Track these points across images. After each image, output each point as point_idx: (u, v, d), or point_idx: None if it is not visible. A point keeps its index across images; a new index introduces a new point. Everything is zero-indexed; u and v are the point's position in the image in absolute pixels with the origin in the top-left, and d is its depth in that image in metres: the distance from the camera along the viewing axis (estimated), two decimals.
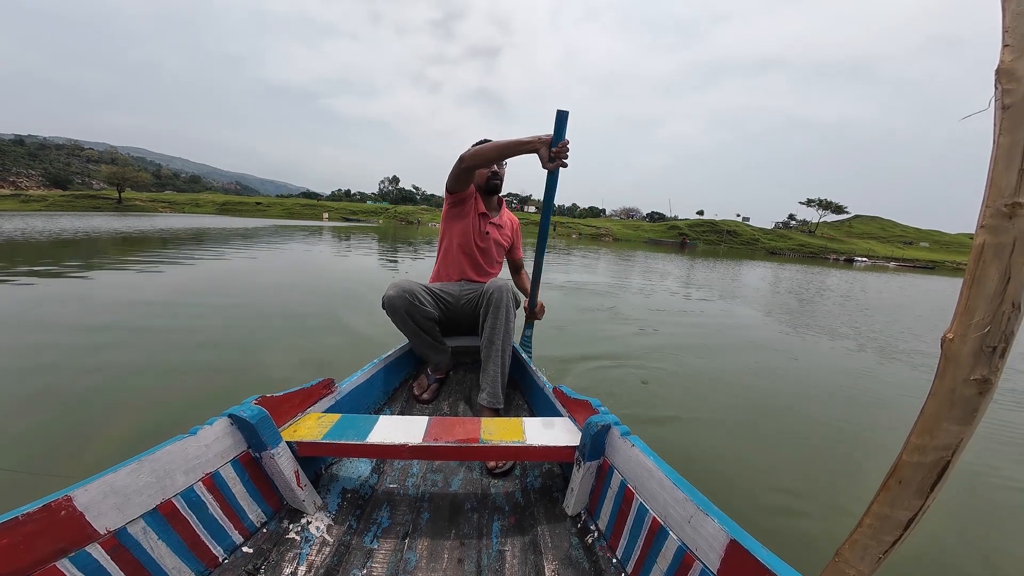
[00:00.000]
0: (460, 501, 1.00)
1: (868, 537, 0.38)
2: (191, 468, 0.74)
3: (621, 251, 20.83)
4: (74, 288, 4.25)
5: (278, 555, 0.79)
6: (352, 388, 1.23)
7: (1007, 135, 0.33)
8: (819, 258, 43.41)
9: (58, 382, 2.02)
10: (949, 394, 0.34)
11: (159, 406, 1.85)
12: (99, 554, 0.61)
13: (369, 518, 0.94)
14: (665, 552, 0.68)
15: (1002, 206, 0.33)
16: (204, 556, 0.74)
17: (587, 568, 0.79)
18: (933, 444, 0.35)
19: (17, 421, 1.67)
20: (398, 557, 0.83)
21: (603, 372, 2.63)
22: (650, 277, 9.07)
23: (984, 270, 0.33)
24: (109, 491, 0.63)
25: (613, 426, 0.87)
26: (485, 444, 0.91)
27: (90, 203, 53.35)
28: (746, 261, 22.24)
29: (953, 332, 0.34)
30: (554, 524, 0.91)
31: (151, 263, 6.21)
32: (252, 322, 3.26)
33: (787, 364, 3.16)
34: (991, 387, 0.33)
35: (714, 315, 5.05)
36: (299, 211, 63.83)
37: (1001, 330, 0.33)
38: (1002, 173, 0.33)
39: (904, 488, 0.36)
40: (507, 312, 1.37)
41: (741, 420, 2.09)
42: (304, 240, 13.52)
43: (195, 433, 0.77)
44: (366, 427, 0.95)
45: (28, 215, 25.99)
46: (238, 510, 0.81)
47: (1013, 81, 0.33)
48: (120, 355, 2.40)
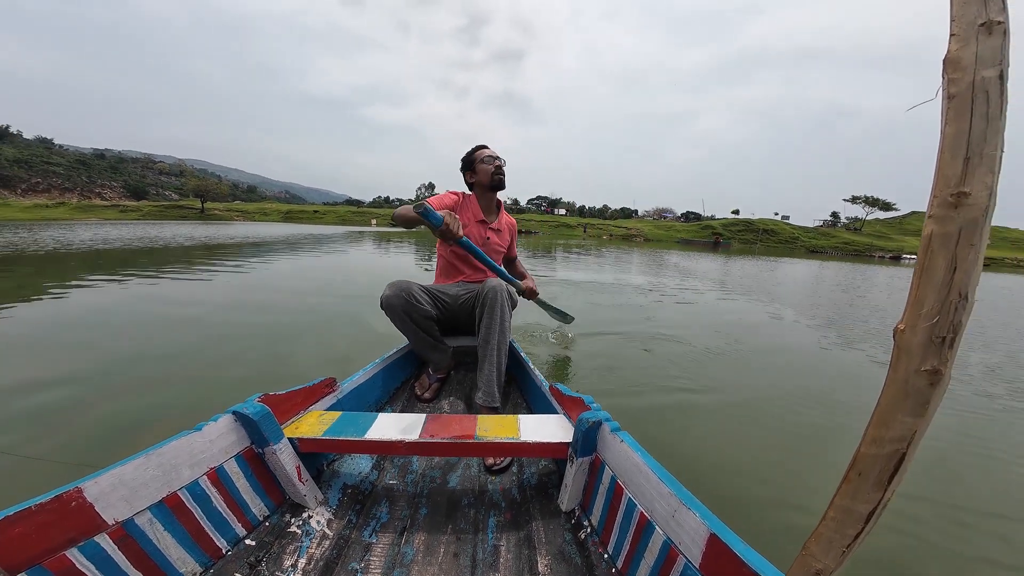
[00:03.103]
0: (457, 497, 1.02)
1: (832, 530, 0.38)
2: (196, 462, 0.77)
3: (652, 251, 20.49)
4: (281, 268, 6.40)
5: (280, 548, 0.82)
6: (354, 387, 1.26)
7: (952, 124, 0.33)
8: (864, 256, 40.62)
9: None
10: (903, 385, 0.34)
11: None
12: (107, 544, 0.63)
13: (368, 513, 0.96)
14: (652, 547, 0.68)
15: (948, 196, 0.33)
16: (208, 547, 0.76)
17: (579, 563, 0.80)
18: (889, 436, 0.35)
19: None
20: (395, 551, 0.85)
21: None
22: (664, 271, 9.04)
23: (932, 260, 0.33)
24: (118, 483, 0.66)
25: (604, 422, 0.87)
26: (480, 440, 0.92)
27: (178, 213, 57.26)
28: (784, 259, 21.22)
29: (904, 323, 0.34)
30: (548, 520, 0.92)
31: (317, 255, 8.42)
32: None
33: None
34: (942, 378, 0.33)
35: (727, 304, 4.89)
36: (350, 217, 67.14)
37: (949, 320, 0.32)
38: (948, 163, 0.33)
39: (863, 480, 0.36)
40: (503, 311, 1.38)
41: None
42: (383, 244, 14.78)
43: (200, 429, 0.80)
44: (365, 424, 0.97)
45: (132, 223, 28.78)
46: (241, 504, 0.84)
47: (959, 71, 0.33)
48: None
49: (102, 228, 18.77)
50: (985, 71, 0.32)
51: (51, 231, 15.25)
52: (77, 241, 10.55)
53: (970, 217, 0.32)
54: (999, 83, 0.32)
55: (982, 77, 0.32)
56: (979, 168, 0.32)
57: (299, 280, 5.46)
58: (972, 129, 0.32)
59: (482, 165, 1.67)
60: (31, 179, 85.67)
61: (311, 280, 5.49)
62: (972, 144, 0.32)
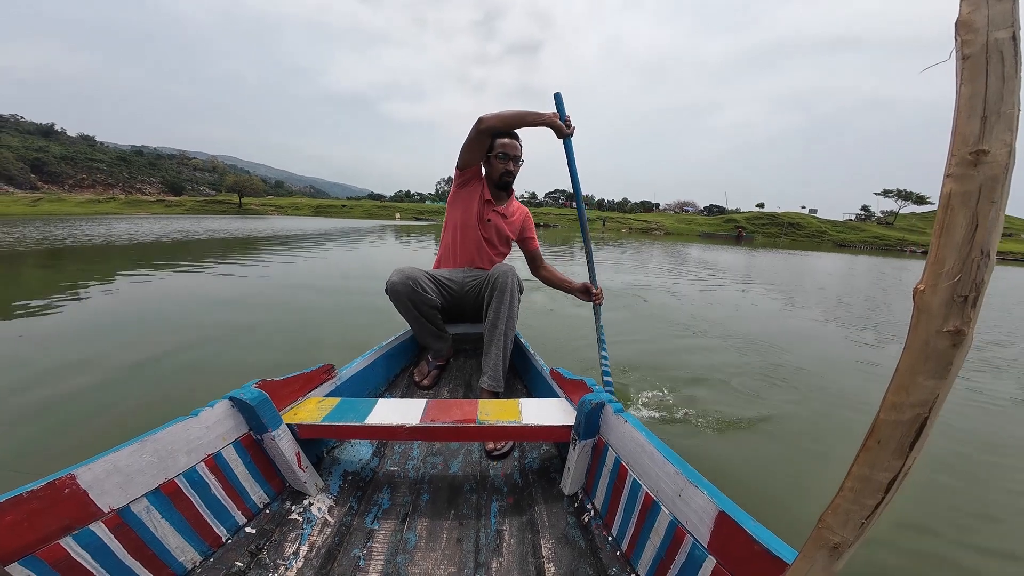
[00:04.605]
0: (459, 483, 1.01)
1: (850, 501, 0.38)
2: (193, 449, 0.75)
3: (671, 244, 20.52)
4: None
5: (280, 535, 0.81)
6: (352, 374, 1.25)
7: (968, 84, 0.33)
8: (894, 250, 38.89)
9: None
10: (923, 347, 0.34)
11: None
12: (103, 532, 0.61)
13: (370, 500, 0.95)
14: (658, 528, 0.67)
15: (967, 154, 0.32)
16: (207, 535, 0.74)
17: (583, 546, 0.79)
18: (909, 401, 0.34)
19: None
20: (398, 537, 0.84)
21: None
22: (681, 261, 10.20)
23: (952, 218, 0.33)
24: (112, 470, 0.64)
25: (607, 403, 0.86)
26: (482, 424, 0.91)
27: (218, 208, 59.62)
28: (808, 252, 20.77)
29: (924, 283, 0.34)
30: (551, 504, 0.91)
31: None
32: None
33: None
34: (964, 338, 0.32)
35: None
36: (376, 212, 69.46)
37: (971, 279, 0.32)
38: (965, 122, 0.33)
39: (883, 448, 0.36)
40: (511, 297, 1.37)
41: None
42: (419, 235, 16.81)
43: (196, 415, 0.78)
44: (365, 410, 0.96)
45: (179, 218, 30.95)
46: (240, 491, 0.82)
47: (971, 32, 0.33)
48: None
49: (159, 221, 20.73)
50: (998, 32, 0.32)
51: (124, 224, 17.66)
52: (153, 233, 12.23)
53: (990, 175, 0.32)
54: (1012, 43, 0.32)
55: (995, 38, 0.32)
56: (997, 126, 0.32)
57: (372, 265, 7.10)
58: (988, 88, 0.32)
59: (496, 160, 1.59)
60: (77, 175, 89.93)
61: (385, 264, 6.99)
62: (989, 103, 0.32)
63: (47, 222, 18.09)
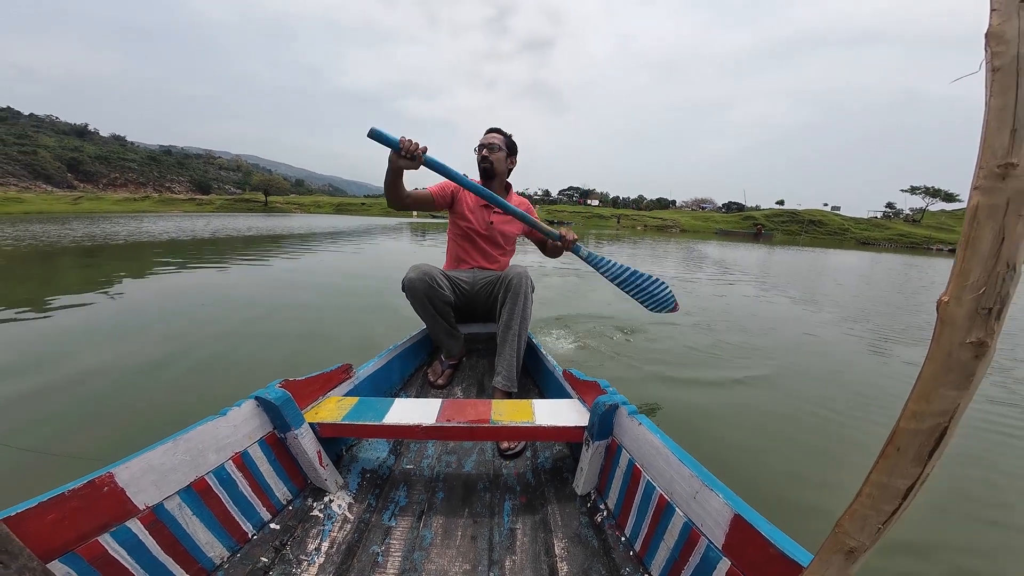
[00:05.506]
0: (473, 481, 1.03)
1: (867, 507, 0.38)
2: (222, 447, 0.78)
3: (687, 241, 20.30)
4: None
5: (303, 532, 0.83)
6: (369, 373, 1.28)
7: (998, 97, 0.33)
8: (920, 248, 37.45)
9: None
10: (946, 358, 0.34)
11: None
12: (138, 529, 0.63)
13: (387, 497, 0.97)
14: (672, 529, 0.68)
15: (995, 167, 0.32)
16: (234, 531, 0.76)
17: (596, 546, 0.80)
18: (930, 410, 0.35)
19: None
20: (414, 534, 0.86)
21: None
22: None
23: (978, 231, 0.33)
24: (148, 468, 0.66)
25: (621, 405, 0.87)
26: (496, 424, 0.93)
27: (245, 206, 61.50)
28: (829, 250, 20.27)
29: (948, 294, 0.34)
30: (564, 503, 0.92)
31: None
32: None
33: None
34: (987, 350, 0.33)
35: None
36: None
37: (996, 291, 0.32)
38: (995, 134, 0.33)
39: (902, 456, 0.36)
40: (525, 298, 1.40)
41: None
42: (435, 233, 17.28)
43: (225, 414, 0.81)
44: (383, 409, 0.98)
45: (210, 215, 32.46)
46: (265, 488, 0.85)
47: (1002, 44, 0.33)
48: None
49: (199, 220, 22.07)
50: None
51: (167, 222, 18.29)
52: (195, 229, 13.15)
53: (1019, 188, 0.32)
54: None
55: None
56: None
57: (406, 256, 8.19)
58: (1019, 101, 0.32)
59: (477, 154, 1.65)
60: (110, 174, 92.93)
61: (421, 257, 7.81)
62: (1019, 116, 0.32)
63: (93, 219, 19.07)
